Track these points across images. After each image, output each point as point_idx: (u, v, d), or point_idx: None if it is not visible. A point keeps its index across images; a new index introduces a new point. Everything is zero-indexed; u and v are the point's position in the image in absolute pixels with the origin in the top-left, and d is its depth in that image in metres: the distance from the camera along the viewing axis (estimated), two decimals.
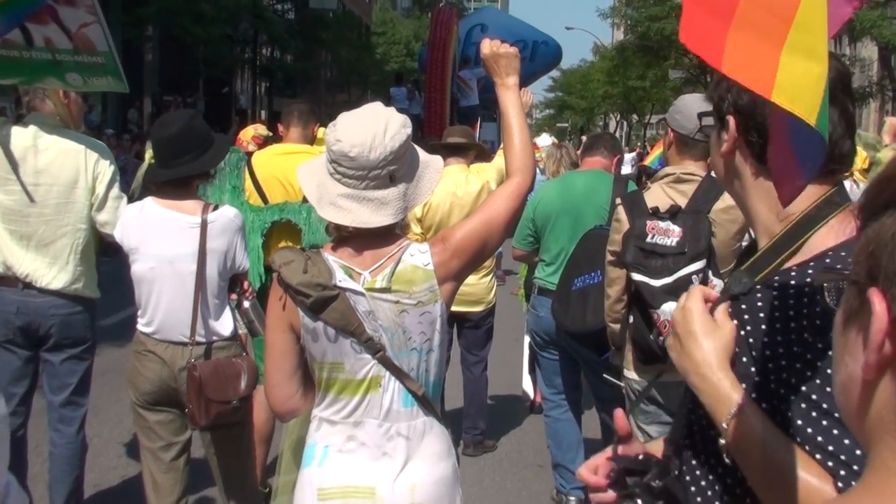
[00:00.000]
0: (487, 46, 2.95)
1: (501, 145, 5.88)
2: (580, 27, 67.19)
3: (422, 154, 2.68)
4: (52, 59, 4.06)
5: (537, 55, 22.68)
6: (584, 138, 10.66)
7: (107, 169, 4.54)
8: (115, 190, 4.56)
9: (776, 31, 2.14)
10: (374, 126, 2.48)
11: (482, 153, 6.45)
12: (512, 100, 2.88)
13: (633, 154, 26.95)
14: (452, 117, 17.81)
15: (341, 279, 2.50)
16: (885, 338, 0.80)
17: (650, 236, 3.73)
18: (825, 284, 1.32)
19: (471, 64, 19.80)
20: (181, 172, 3.99)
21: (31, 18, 3.97)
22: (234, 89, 44.43)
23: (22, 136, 4.41)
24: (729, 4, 2.12)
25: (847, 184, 2.01)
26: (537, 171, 3.32)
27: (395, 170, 2.51)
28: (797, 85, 2.18)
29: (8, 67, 4.29)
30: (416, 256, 2.57)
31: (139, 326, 4.12)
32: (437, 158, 2.73)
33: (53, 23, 3.96)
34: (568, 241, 5.20)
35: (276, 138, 6.54)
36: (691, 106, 4.06)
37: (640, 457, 1.69)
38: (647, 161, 13.35)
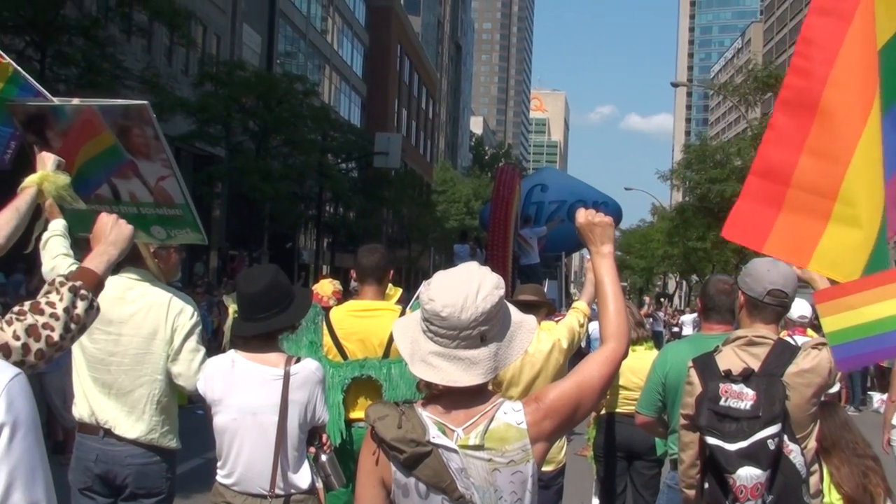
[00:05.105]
0: (583, 216, 3.05)
1: (573, 304, 5.99)
2: (639, 188, 67.78)
3: (515, 314, 2.70)
4: (137, 213, 4.15)
5: None
6: (646, 298, 10.54)
7: (186, 321, 4.59)
8: (192, 343, 4.59)
9: (822, 208, 2.42)
10: (466, 287, 2.53)
11: (552, 311, 6.51)
12: (607, 267, 2.95)
13: (695, 315, 26.74)
14: (514, 275, 17.91)
15: (435, 435, 2.51)
16: None
17: (723, 399, 3.70)
18: None
19: (531, 223, 20.04)
20: (269, 326, 4.11)
21: (116, 174, 4.12)
22: (298, 244, 45.28)
23: (112, 287, 4.57)
24: (778, 193, 2.40)
25: None
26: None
27: (486, 330, 2.54)
28: (837, 252, 2.40)
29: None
30: (510, 415, 2.56)
31: (218, 478, 4.16)
32: (531, 319, 2.75)
33: (135, 177, 4.04)
34: None
35: (348, 291, 6.57)
36: (761, 269, 4.11)
37: None
38: None
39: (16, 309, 2.62)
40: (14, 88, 4.12)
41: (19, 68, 4.15)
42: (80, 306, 2.70)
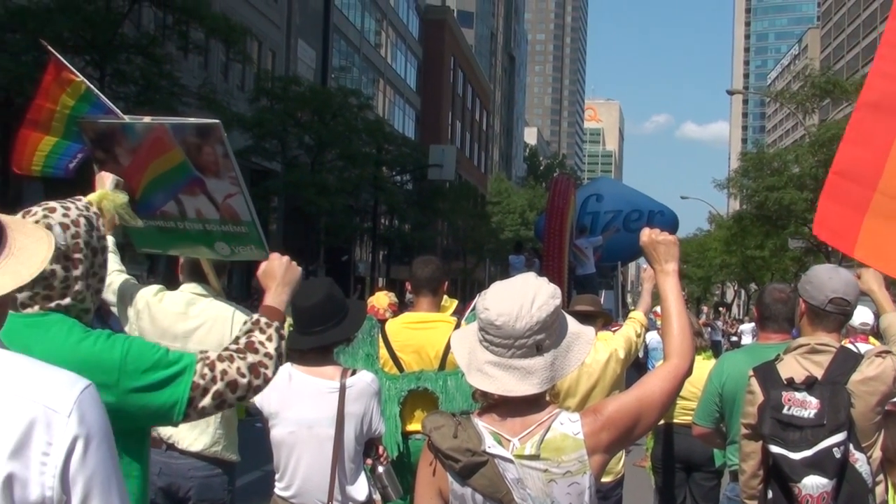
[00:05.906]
0: (647, 235, 3.05)
1: (630, 314, 5.94)
2: (695, 196, 67.14)
3: (572, 324, 2.69)
4: (202, 229, 4.19)
5: (653, 224, 22.51)
6: (704, 308, 10.40)
7: None
8: None
9: None
10: (521, 296, 2.52)
11: (609, 321, 6.47)
12: (671, 285, 2.94)
13: (753, 324, 26.45)
14: (570, 285, 17.81)
15: (491, 445, 2.49)
16: None
17: (787, 408, 3.65)
18: None
19: (587, 233, 19.95)
20: (325, 339, 4.14)
21: (183, 191, 4.16)
22: (354, 257, 45.55)
23: (174, 303, 4.63)
24: (864, 198, 2.32)
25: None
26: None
27: (541, 340, 2.53)
28: None
29: (160, 238, 4.51)
30: (567, 425, 2.54)
31: (277, 490, 4.18)
32: (589, 330, 2.74)
33: (202, 194, 4.10)
34: None
35: (404, 303, 6.52)
36: (822, 277, 4.04)
37: None
38: None
39: (232, 347, 2.80)
40: (86, 106, 4.18)
41: (91, 86, 4.21)
42: (283, 345, 2.92)
